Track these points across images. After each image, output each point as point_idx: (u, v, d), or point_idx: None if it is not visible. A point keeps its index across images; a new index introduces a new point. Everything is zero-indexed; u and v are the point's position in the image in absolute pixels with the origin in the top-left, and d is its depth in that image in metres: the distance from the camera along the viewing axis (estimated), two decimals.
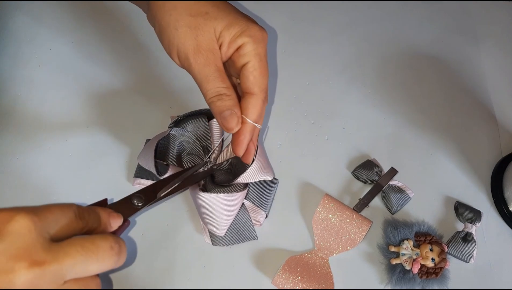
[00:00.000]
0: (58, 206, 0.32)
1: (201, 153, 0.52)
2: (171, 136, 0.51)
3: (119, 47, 0.61)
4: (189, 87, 0.59)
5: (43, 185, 0.52)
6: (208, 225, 0.48)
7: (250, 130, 0.42)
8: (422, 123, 0.60)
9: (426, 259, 0.50)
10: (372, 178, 0.54)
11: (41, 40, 0.60)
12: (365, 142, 0.58)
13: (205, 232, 0.50)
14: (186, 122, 0.52)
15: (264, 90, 0.41)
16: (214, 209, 0.47)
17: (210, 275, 0.49)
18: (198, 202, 0.47)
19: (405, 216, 0.54)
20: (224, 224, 0.48)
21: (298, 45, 0.64)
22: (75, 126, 0.56)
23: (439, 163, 0.58)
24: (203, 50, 0.38)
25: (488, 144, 0.60)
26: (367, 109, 0.60)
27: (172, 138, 0.51)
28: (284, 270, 0.49)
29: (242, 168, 0.49)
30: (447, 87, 0.63)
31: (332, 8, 0.67)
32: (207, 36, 0.39)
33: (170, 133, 0.51)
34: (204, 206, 0.47)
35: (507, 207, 0.55)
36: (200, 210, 0.48)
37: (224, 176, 0.51)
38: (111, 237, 0.33)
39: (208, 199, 0.46)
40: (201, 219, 0.49)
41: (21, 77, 0.58)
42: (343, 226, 0.51)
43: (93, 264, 0.31)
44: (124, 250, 0.34)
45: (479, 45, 0.67)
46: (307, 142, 0.58)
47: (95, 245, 0.31)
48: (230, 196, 0.47)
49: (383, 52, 0.65)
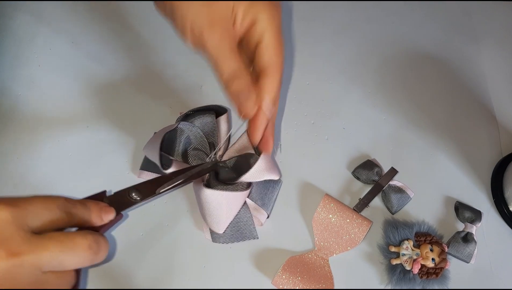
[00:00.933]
0: (40, 199, 0.33)
1: (207, 149, 0.52)
2: (178, 130, 0.51)
3: (119, 46, 0.61)
4: (189, 87, 0.59)
5: (43, 184, 0.52)
6: (208, 221, 0.48)
7: (266, 115, 0.40)
8: (422, 123, 0.60)
9: (427, 259, 0.50)
10: (372, 178, 0.54)
11: (41, 40, 0.60)
12: (365, 142, 0.58)
13: (206, 229, 0.50)
14: (194, 117, 0.52)
15: (280, 69, 0.39)
16: (215, 206, 0.47)
17: (210, 275, 0.49)
18: (200, 197, 0.47)
19: (405, 216, 0.54)
20: (223, 222, 0.48)
21: (298, 45, 0.64)
22: (75, 125, 0.56)
23: (440, 163, 0.58)
24: (218, 23, 0.36)
25: (488, 144, 0.60)
26: (367, 109, 0.60)
27: (179, 132, 0.52)
28: (284, 270, 0.49)
29: (247, 167, 0.49)
30: (447, 87, 0.63)
31: (333, 8, 0.67)
32: (222, 8, 0.36)
33: (177, 127, 0.51)
34: (205, 201, 0.47)
35: (507, 207, 0.55)
36: (201, 205, 0.48)
37: (228, 174, 0.51)
38: (91, 235, 0.34)
39: (210, 195, 0.46)
40: (202, 214, 0.49)
41: (21, 77, 0.58)
42: (343, 226, 0.51)
43: (70, 260, 0.32)
44: (104, 248, 0.34)
45: (479, 45, 0.67)
46: (307, 142, 0.58)
47: (73, 242, 0.32)
48: (232, 194, 0.47)
49: (383, 52, 0.65)
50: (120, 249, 0.50)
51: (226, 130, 0.54)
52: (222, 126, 0.54)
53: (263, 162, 0.48)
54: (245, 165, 0.51)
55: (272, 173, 0.50)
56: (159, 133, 0.50)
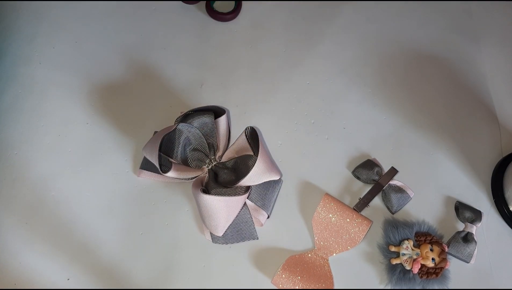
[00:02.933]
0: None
1: (206, 149, 0.52)
2: (177, 130, 0.51)
3: (119, 46, 0.61)
4: (188, 86, 0.59)
5: (42, 179, 0.52)
6: (207, 225, 0.48)
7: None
8: (423, 123, 0.60)
9: (427, 259, 0.49)
10: (373, 177, 0.54)
11: (43, 39, 0.60)
12: (365, 141, 0.58)
13: (206, 229, 0.50)
14: (193, 118, 0.52)
15: None
16: (214, 210, 0.47)
17: (210, 274, 0.49)
18: (198, 201, 0.47)
19: (405, 216, 0.54)
20: (223, 226, 0.48)
21: (298, 44, 0.64)
22: (75, 122, 0.56)
23: (440, 163, 0.58)
24: None
25: (488, 144, 0.60)
26: (367, 109, 0.60)
27: (178, 132, 0.52)
28: (284, 270, 0.49)
29: (246, 169, 0.49)
30: (447, 87, 0.63)
31: (333, 8, 0.67)
32: None
33: (176, 128, 0.51)
34: (204, 206, 0.47)
35: (507, 207, 0.55)
36: (200, 209, 0.48)
37: (228, 175, 0.51)
38: None
39: (208, 201, 0.46)
40: (201, 217, 0.49)
41: (22, 75, 0.58)
42: (343, 225, 0.51)
43: None
44: None
45: (479, 45, 0.67)
46: (307, 141, 0.57)
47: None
48: (231, 199, 0.47)
49: (383, 52, 0.65)
50: (120, 249, 0.50)
51: (225, 130, 0.54)
52: (221, 126, 0.54)
53: (261, 165, 0.48)
54: (243, 167, 0.51)
55: (272, 174, 0.50)
56: (159, 134, 0.50)
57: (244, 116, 0.58)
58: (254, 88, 0.60)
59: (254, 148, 0.52)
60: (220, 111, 0.55)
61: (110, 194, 0.52)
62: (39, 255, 0.49)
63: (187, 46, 0.62)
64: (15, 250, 0.49)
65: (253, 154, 0.52)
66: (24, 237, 0.50)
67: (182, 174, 0.51)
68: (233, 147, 0.53)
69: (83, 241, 0.50)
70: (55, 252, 0.49)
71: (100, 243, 0.50)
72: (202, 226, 0.50)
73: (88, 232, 0.51)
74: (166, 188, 0.53)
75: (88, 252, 0.50)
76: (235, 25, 0.65)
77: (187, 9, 0.65)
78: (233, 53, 0.62)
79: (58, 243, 0.50)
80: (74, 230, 0.51)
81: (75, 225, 0.51)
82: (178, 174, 0.51)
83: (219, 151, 0.54)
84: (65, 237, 0.50)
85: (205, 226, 0.49)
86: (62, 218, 0.51)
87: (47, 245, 0.50)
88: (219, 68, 0.61)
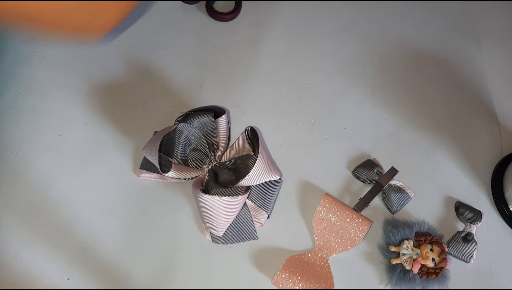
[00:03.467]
0: None
1: (206, 149, 0.52)
2: (177, 130, 0.51)
3: (119, 46, 0.61)
4: (188, 86, 0.59)
5: (42, 179, 0.52)
6: (207, 225, 0.48)
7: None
8: (423, 122, 0.60)
9: (427, 259, 0.49)
10: (373, 177, 0.54)
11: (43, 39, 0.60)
12: (365, 141, 0.58)
13: (206, 229, 0.50)
14: (193, 118, 0.52)
15: None
16: (214, 210, 0.47)
17: (210, 274, 0.49)
18: (198, 201, 0.47)
19: (405, 216, 0.54)
20: (223, 226, 0.48)
21: (298, 44, 0.64)
22: (74, 122, 0.56)
23: (440, 163, 0.58)
24: None
25: (488, 144, 0.60)
26: (367, 109, 0.60)
27: (178, 132, 0.52)
28: (284, 270, 0.49)
29: (246, 169, 0.49)
30: (447, 87, 0.63)
31: (333, 7, 0.67)
32: None
33: (176, 128, 0.51)
34: (204, 206, 0.47)
35: (507, 207, 0.55)
36: (200, 209, 0.48)
37: (228, 175, 0.51)
38: None
39: (208, 201, 0.46)
40: (201, 217, 0.49)
41: (22, 75, 0.58)
42: (343, 225, 0.51)
43: None
44: None
45: (479, 45, 0.67)
46: (307, 141, 0.57)
47: None
48: (231, 199, 0.47)
49: (383, 52, 0.65)
50: (120, 249, 0.50)
51: (225, 130, 0.54)
52: (221, 126, 0.54)
53: (261, 165, 0.48)
54: (243, 167, 0.51)
55: (272, 174, 0.50)
56: (159, 134, 0.50)
57: (244, 116, 0.58)
58: (254, 88, 0.60)
59: (254, 148, 0.52)
60: (220, 111, 0.55)
61: (110, 194, 0.53)
62: (39, 255, 0.49)
63: (187, 46, 0.62)
64: (15, 250, 0.49)
65: (253, 154, 0.52)
66: (24, 237, 0.50)
67: (182, 174, 0.51)
68: (233, 147, 0.53)
69: (83, 241, 0.50)
70: (55, 252, 0.49)
71: (100, 243, 0.50)
72: (202, 226, 0.50)
73: (88, 232, 0.51)
74: (166, 188, 0.53)
75: (88, 252, 0.50)
76: (235, 25, 0.65)
77: (187, 9, 0.65)
78: (233, 53, 0.63)
79: (58, 243, 0.50)
80: (74, 230, 0.51)
81: (75, 225, 0.51)
82: (178, 174, 0.51)
83: (219, 151, 0.54)
84: (65, 237, 0.50)
85: (205, 226, 0.49)
86: (62, 218, 0.51)
87: (47, 245, 0.50)
88: (219, 68, 0.61)
